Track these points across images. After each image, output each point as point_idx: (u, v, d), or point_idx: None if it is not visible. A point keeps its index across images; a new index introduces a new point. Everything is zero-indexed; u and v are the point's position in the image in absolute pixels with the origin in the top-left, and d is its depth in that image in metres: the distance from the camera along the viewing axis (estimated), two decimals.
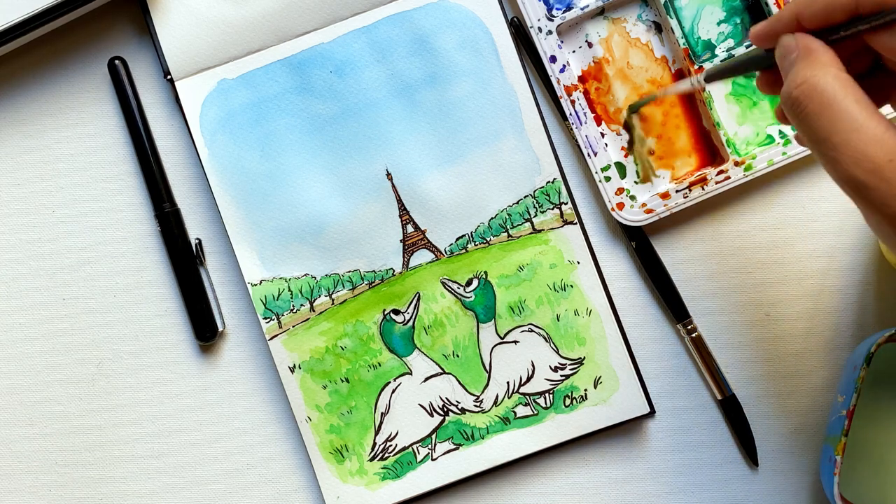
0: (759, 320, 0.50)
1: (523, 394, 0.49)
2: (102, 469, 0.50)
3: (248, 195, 0.49)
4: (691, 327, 0.49)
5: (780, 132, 0.49)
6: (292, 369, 0.49)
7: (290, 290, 0.49)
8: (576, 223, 0.49)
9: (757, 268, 0.50)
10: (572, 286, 0.49)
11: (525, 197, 0.49)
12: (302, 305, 0.49)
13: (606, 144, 0.49)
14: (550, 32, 0.48)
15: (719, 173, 0.48)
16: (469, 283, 0.49)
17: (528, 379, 0.49)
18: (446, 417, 0.49)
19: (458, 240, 0.49)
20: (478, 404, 0.49)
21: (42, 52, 0.50)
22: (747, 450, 0.49)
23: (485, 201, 0.49)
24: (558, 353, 0.49)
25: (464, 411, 0.49)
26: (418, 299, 0.49)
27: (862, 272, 0.50)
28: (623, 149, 0.49)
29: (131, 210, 0.50)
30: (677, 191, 0.48)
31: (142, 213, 0.50)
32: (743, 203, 0.50)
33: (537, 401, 0.49)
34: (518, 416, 0.49)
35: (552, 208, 0.49)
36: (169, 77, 0.49)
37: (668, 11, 0.48)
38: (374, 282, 0.49)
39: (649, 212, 0.48)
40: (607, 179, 0.48)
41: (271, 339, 0.49)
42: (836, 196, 0.50)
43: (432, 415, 0.49)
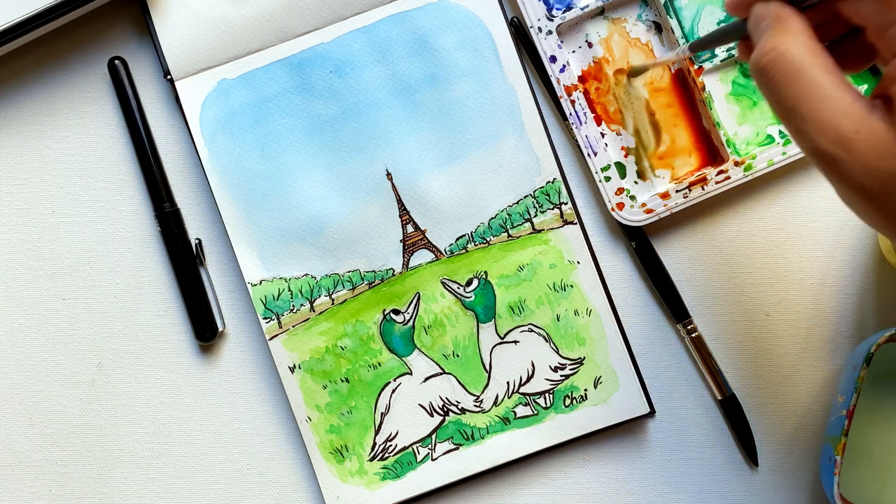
0: (759, 320, 0.50)
1: (523, 394, 0.49)
2: (102, 469, 0.50)
3: (248, 195, 0.49)
4: (691, 327, 0.49)
5: (781, 132, 0.49)
6: (292, 369, 0.49)
7: (290, 290, 0.49)
8: (576, 223, 0.49)
9: (757, 268, 0.50)
10: (572, 286, 0.49)
11: (525, 197, 0.49)
12: (302, 305, 0.49)
13: (606, 144, 0.49)
14: (550, 32, 0.48)
15: (719, 173, 0.48)
16: (469, 283, 0.49)
17: (528, 379, 0.49)
18: (446, 417, 0.49)
19: (458, 240, 0.49)
20: (478, 404, 0.49)
21: (42, 52, 0.50)
22: (747, 450, 0.49)
23: (485, 201, 0.49)
24: (558, 353, 0.49)
25: (464, 411, 0.49)
26: (418, 299, 0.49)
27: (862, 272, 0.50)
28: (623, 148, 0.49)
29: (131, 210, 0.50)
30: (677, 191, 0.48)
31: (142, 213, 0.50)
32: (743, 203, 0.50)
33: (537, 401, 0.49)
34: (518, 416, 0.49)
35: (552, 208, 0.49)
36: (169, 77, 0.49)
37: (668, 11, 0.48)
38: (374, 282, 0.49)
39: (649, 212, 0.48)
40: (607, 179, 0.48)
41: (271, 339, 0.49)
42: (836, 196, 0.49)
43: (432, 415, 0.49)
